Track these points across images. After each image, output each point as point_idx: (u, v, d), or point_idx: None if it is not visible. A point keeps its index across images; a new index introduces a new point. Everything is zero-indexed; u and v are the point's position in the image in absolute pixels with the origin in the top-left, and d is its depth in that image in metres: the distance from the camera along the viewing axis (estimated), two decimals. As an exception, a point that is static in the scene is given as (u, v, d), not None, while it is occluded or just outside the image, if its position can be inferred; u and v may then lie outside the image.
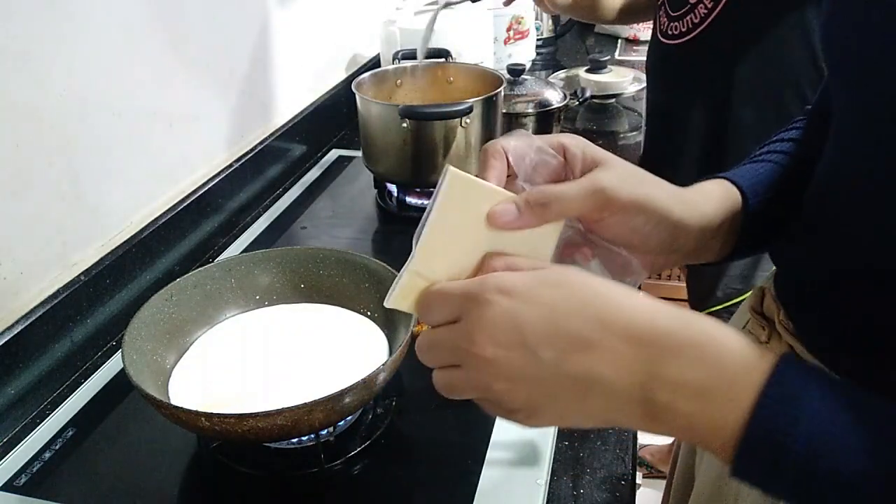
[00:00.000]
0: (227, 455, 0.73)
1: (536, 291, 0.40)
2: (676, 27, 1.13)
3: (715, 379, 0.37)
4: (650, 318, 0.38)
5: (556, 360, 0.39)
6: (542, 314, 0.39)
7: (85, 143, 0.88)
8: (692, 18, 1.10)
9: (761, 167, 0.58)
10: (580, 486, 0.69)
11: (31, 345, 0.80)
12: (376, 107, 1.13)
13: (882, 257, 0.45)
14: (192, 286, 0.81)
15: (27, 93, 0.79)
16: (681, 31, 1.12)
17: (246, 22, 1.21)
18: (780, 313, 0.57)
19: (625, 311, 0.39)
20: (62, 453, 0.74)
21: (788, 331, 0.56)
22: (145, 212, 1.00)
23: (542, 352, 0.39)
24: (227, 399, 0.72)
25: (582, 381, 0.39)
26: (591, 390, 0.39)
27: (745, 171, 0.57)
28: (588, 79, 1.66)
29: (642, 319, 0.38)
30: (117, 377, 0.84)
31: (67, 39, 0.84)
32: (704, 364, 0.37)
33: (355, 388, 0.63)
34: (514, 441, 0.73)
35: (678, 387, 0.37)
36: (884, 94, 0.43)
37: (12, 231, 0.80)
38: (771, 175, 0.57)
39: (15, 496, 0.69)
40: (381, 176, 1.21)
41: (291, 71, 1.37)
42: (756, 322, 0.61)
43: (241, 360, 0.77)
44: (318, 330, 0.81)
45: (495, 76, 1.22)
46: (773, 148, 0.61)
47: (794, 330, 0.56)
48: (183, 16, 1.04)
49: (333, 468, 0.71)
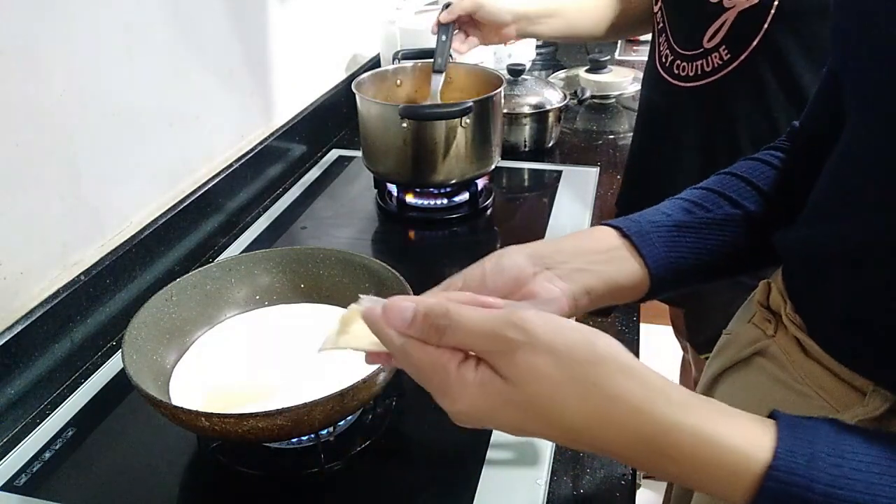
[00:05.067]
0: (227, 455, 0.73)
1: (568, 363, 0.37)
2: (685, 68, 1.01)
3: (712, 479, 0.37)
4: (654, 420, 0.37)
5: (546, 431, 0.39)
6: (560, 394, 0.37)
7: (85, 143, 0.88)
8: (704, 65, 0.98)
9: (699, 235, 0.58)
10: (580, 486, 0.69)
11: (31, 345, 0.80)
12: (376, 107, 1.13)
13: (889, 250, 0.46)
14: (192, 286, 0.81)
15: (27, 93, 0.79)
16: (689, 75, 1.01)
17: (246, 22, 1.21)
18: (787, 307, 0.57)
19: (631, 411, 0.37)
20: (62, 453, 0.74)
21: (795, 324, 0.56)
22: (145, 212, 1.00)
23: (534, 423, 0.38)
24: (226, 399, 0.72)
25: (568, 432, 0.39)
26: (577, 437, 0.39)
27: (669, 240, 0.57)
28: (588, 79, 1.66)
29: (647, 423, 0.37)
30: (117, 377, 0.84)
31: (67, 39, 0.84)
32: (698, 471, 0.37)
33: (355, 388, 0.63)
34: (514, 441, 0.73)
35: (676, 478, 0.38)
36: None
37: (12, 231, 0.80)
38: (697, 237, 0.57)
39: (15, 496, 0.69)
40: (381, 176, 1.21)
41: (291, 71, 1.37)
42: (762, 316, 0.61)
43: (241, 360, 0.77)
44: (318, 330, 0.81)
45: (495, 76, 1.22)
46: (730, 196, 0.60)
47: (800, 323, 0.56)
48: (183, 16, 1.04)
49: (333, 468, 0.71)
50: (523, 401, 0.38)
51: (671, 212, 0.58)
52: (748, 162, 0.63)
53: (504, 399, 0.38)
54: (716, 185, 0.61)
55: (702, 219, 0.58)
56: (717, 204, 0.59)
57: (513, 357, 0.37)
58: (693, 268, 0.57)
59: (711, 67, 0.98)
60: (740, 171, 0.62)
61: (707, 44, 0.97)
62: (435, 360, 0.39)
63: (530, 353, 0.37)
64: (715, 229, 0.58)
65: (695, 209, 0.59)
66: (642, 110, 1.18)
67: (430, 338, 0.40)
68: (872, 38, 0.46)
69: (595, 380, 0.37)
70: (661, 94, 1.08)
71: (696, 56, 0.99)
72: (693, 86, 1.01)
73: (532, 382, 0.37)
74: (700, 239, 0.57)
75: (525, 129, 1.38)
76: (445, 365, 0.39)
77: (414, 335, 0.40)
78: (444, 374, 0.39)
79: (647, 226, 0.56)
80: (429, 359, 0.40)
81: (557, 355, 0.37)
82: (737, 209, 0.59)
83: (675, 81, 1.03)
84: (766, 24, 0.91)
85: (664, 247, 0.55)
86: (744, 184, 0.60)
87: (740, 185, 0.60)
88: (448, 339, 0.39)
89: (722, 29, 0.95)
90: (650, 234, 0.55)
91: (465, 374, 0.39)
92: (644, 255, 0.54)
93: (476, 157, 1.14)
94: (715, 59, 0.97)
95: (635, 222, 0.57)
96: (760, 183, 0.60)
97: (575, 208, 1.19)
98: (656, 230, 0.56)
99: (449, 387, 0.39)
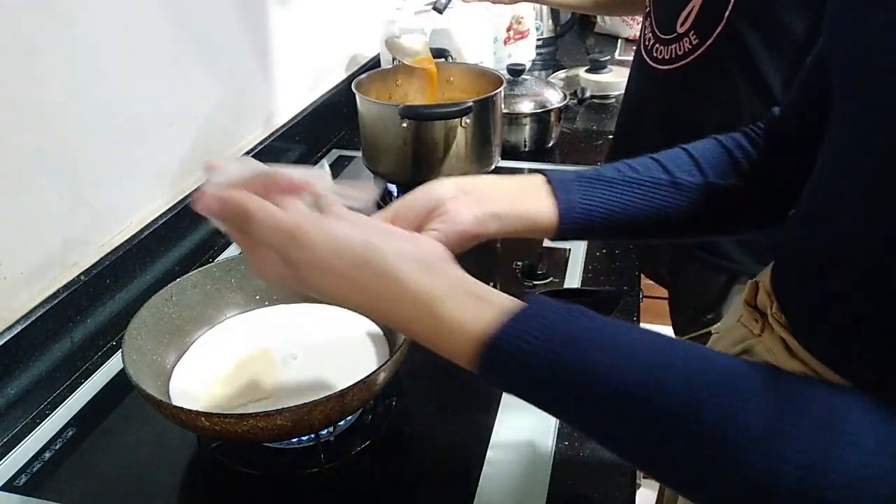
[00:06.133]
0: (227, 455, 0.73)
1: (339, 270, 0.46)
2: (661, 51, 1.06)
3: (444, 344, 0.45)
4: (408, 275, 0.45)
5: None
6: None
7: (85, 143, 0.88)
8: (677, 49, 1.03)
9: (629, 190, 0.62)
10: (580, 486, 0.69)
11: (31, 345, 0.80)
12: (376, 107, 1.13)
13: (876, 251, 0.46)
14: (192, 286, 0.81)
15: (27, 93, 0.79)
16: (664, 58, 1.05)
17: (246, 22, 1.21)
18: (773, 306, 0.59)
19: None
20: (62, 453, 0.74)
21: (780, 323, 0.57)
22: (145, 212, 1.00)
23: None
24: (227, 399, 0.72)
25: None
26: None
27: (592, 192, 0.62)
28: (588, 79, 1.66)
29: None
30: (117, 377, 0.85)
31: (67, 39, 0.84)
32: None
33: (355, 388, 0.63)
34: (514, 441, 0.73)
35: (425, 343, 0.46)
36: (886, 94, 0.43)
37: (12, 231, 0.80)
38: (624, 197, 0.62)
39: (15, 496, 0.69)
40: (381, 176, 1.21)
41: (291, 71, 1.37)
42: (749, 315, 0.62)
43: (241, 360, 0.77)
44: (318, 330, 0.81)
45: (495, 76, 1.22)
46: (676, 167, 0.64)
47: (785, 322, 0.56)
48: (183, 16, 1.04)
49: (333, 468, 0.71)
50: (315, 292, 0.48)
51: (603, 169, 0.63)
52: (709, 140, 0.66)
53: (300, 288, 0.48)
54: (659, 154, 0.65)
55: (626, 177, 0.62)
56: (648, 168, 0.63)
57: (298, 269, 0.47)
58: (604, 218, 0.61)
59: (683, 52, 1.02)
60: (690, 147, 0.65)
61: (679, 28, 1.02)
62: (244, 244, 0.50)
63: (314, 270, 0.46)
64: (636, 188, 0.62)
65: (625, 169, 0.63)
66: (627, 91, 1.23)
67: (239, 227, 0.48)
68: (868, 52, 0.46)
69: (359, 283, 0.46)
70: (642, 76, 1.13)
71: (671, 40, 1.04)
72: (667, 69, 1.05)
73: (318, 287, 0.47)
74: (617, 193, 0.62)
75: (525, 129, 1.38)
76: (247, 249, 0.50)
77: (227, 221, 0.49)
78: (248, 256, 0.50)
79: (571, 175, 0.62)
80: (237, 241, 0.51)
81: (337, 271, 0.46)
82: (666, 175, 0.62)
83: (653, 64, 1.08)
84: (728, 12, 0.95)
85: (579, 194, 0.61)
86: (686, 157, 0.64)
87: (681, 157, 0.64)
88: (251, 233, 0.48)
89: (691, 14, 0.99)
90: (571, 182, 0.62)
91: (269, 262, 0.48)
92: (558, 198, 0.60)
93: (476, 157, 1.14)
94: (686, 43, 1.01)
95: (564, 173, 0.63)
96: (703, 160, 0.64)
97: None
98: (577, 180, 0.62)
99: (254, 265, 0.50)
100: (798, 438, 0.36)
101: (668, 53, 1.04)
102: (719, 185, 0.63)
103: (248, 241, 0.49)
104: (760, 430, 0.37)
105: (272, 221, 0.47)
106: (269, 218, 0.47)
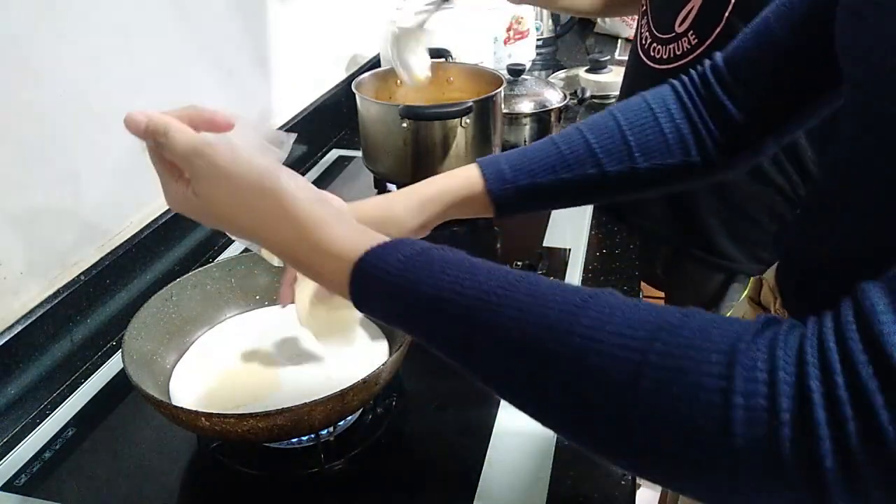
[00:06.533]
0: (227, 455, 0.73)
1: (238, 191, 0.50)
2: (659, 51, 1.06)
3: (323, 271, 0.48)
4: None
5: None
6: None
7: (85, 143, 0.88)
8: (675, 48, 1.03)
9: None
10: (580, 485, 0.69)
11: (31, 345, 0.80)
12: (376, 107, 1.13)
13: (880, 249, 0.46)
14: (192, 286, 0.81)
15: (27, 93, 0.79)
16: (662, 57, 1.05)
17: (246, 22, 1.21)
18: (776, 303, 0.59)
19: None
20: (62, 453, 0.74)
21: None
22: (145, 212, 1.00)
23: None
24: (226, 399, 0.72)
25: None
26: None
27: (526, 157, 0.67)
28: (588, 79, 1.66)
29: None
30: (117, 377, 0.84)
31: (67, 39, 0.84)
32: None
33: (355, 388, 0.63)
34: (515, 441, 0.73)
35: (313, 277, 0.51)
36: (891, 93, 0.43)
37: (12, 231, 0.80)
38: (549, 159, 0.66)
39: (15, 496, 0.69)
40: (381, 176, 1.21)
41: (291, 71, 1.37)
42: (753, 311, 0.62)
43: (241, 360, 0.77)
44: (318, 330, 0.81)
45: (495, 76, 1.22)
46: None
47: None
48: (183, 16, 1.04)
49: (333, 468, 0.71)
50: (210, 213, 0.51)
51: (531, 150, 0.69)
52: (639, 102, 0.68)
53: (198, 210, 0.52)
54: (592, 137, 0.67)
55: (557, 168, 0.66)
56: (582, 163, 0.67)
57: (199, 183, 0.50)
58: (531, 182, 0.66)
59: (681, 51, 1.02)
60: (624, 125, 0.67)
61: (678, 28, 1.02)
62: (159, 169, 0.53)
63: (213, 181, 0.50)
64: (567, 182, 0.66)
65: (558, 164, 0.67)
66: (623, 91, 1.22)
67: (157, 142, 0.51)
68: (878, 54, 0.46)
69: (250, 200, 0.49)
70: (639, 75, 1.12)
71: (669, 40, 1.03)
72: (665, 68, 1.05)
73: (214, 203, 0.50)
74: (547, 171, 0.66)
75: (525, 129, 1.38)
76: (162, 174, 0.53)
77: (148, 136, 0.52)
78: (162, 181, 0.53)
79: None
80: (156, 166, 0.54)
81: (233, 185, 0.49)
82: (596, 169, 0.66)
83: (651, 64, 1.08)
84: (727, 12, 0.94)
85: (506, 163, 0.67)
86: (620, 139, 0.66)
87: (615, 141, 0.67)
88: (165, 153, 0.51)
89: (690, 14, 0.99)
90: (497, 158, 0.68)
91: (176, 187, 0.52)
92: (481, 165, 0.68)
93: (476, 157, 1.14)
94: (684, 43, 1.01)
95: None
96: (636, 144, 0.66)
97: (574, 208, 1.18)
98: (504, 156, 0.68)
99: (166, 193, 0.54)
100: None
101: (666, 53, 1.04)
102: (649, 166, 0.65)
103: (164, 164, 0.52)
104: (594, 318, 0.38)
105: (186, 135, 0.50)
106: (183, 131, 0.51)
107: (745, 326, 0.35)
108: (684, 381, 0.34)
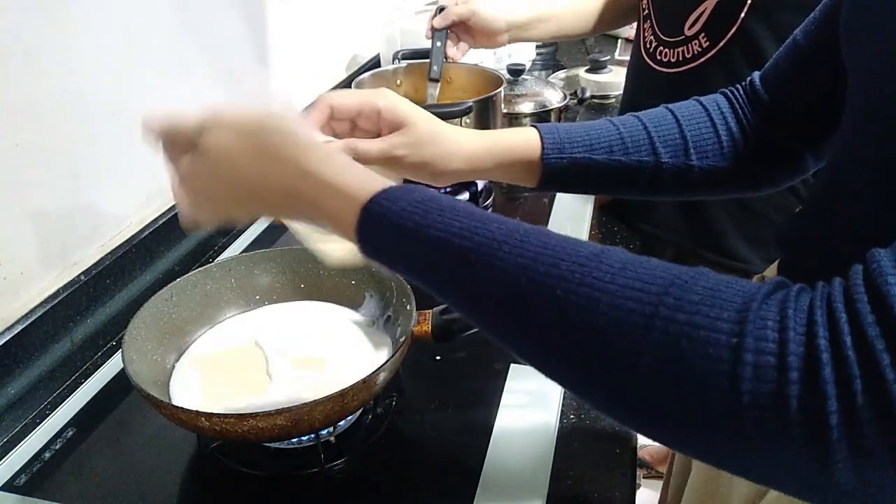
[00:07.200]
0: (227, 455, 0.73)
1: (240, 137, 0.51)
2: (666, 54, 1.04)
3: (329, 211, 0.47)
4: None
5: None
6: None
7: (85, 143, 0.88)
8: (684, 51, 1.01)
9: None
10: (580, 485, 0.69)
11: (31, 345, 0.80)
12: (376, 107, 1.13)
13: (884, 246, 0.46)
14: (192, 286, 0.81)
15: (27, 93, 0.79)
16: (670, 61, 1.04)
17: (246, 21, 1.21)
18: None
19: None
20: (62, 453, 0.74)
21: None
22: (145, 212, 1.00)
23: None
24: (226, 399, 0.72)
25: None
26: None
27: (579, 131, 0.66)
28: (588, 79, 1.66)
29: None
30: (117, 377, 0.84)
31: (67, 39, 0.84)
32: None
33: (355, 388, 0.63)
34: (515, 442, 0.73)
35: (308, 217, 0.51)
36: None
37: (12, 231, 0.80)
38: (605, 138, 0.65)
39: (15, 496, 0.69)
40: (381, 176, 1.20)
41: (291, 71, 1.36)
42: None
43: (241, 359, 0.77)
44: (318, 330, 0.81)
45: (495, 76, 1.22)
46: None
47: None
48: (183, 16, 1.04)
49: (333, 468, 0.71)
50: (218, 170, 0.51)
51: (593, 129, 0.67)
52: (694, 106, 0.68)
53: (207, 173, 0.51)
54: (650, 124, 0.67)
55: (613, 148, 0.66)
56: (638, 147, 0.66)
57: (207, 136, 0.51)
58: (585, 155, 0.65)
59: (692, 54, 1.00)
60: (682, 119, 0.67)
61: (688, 31, 1.00)
62: (170, 156, 0.55)
63: (219, 132, 0.51)
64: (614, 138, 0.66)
65: (616, 147, 0.66)
66: (626, 94, 1.21)
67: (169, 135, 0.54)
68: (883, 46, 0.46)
69: (258, 145, 0.50)
70: (644, 79, 1.11)
71: (677, 43, 1.02)
72: (673, 72, 1.03)
73: (221, 156, 0.50)
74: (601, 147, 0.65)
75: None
76: (173, 161, 0.54)
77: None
78: (173, 171, 0.54)
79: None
80: (167, 159, 0.55)
81: (238, 128, 0.51)
82: (653, 157, 0.65)
83: (657, 67, 1.06)
84: (742, 14, 0.93)
85: (565, 132, 0.66)
86: (677, 131, 0.66)
87: (671, 132, 0.67)
88: (178, 137, 0.53)
89: (702, 17, 0.98)
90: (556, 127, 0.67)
91: (183, 161, 0.53)
92: (540, 130, 0.65)
93: (476, 157, 1.14)
94: (695, 46, 1.00)
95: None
96: (692, 140, 0.66)
97: (575, 207, 1.18)
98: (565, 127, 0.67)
99: (178, 180, 0.54)
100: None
101: (674, 56, 1.03)
102: (701, 166, 0.65)
103: (175, 152, 0.54)
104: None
105: (196, 115, 0.52)
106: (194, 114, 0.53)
107: (756, 287, 0.35)
108: (695, 335, 0.33)
